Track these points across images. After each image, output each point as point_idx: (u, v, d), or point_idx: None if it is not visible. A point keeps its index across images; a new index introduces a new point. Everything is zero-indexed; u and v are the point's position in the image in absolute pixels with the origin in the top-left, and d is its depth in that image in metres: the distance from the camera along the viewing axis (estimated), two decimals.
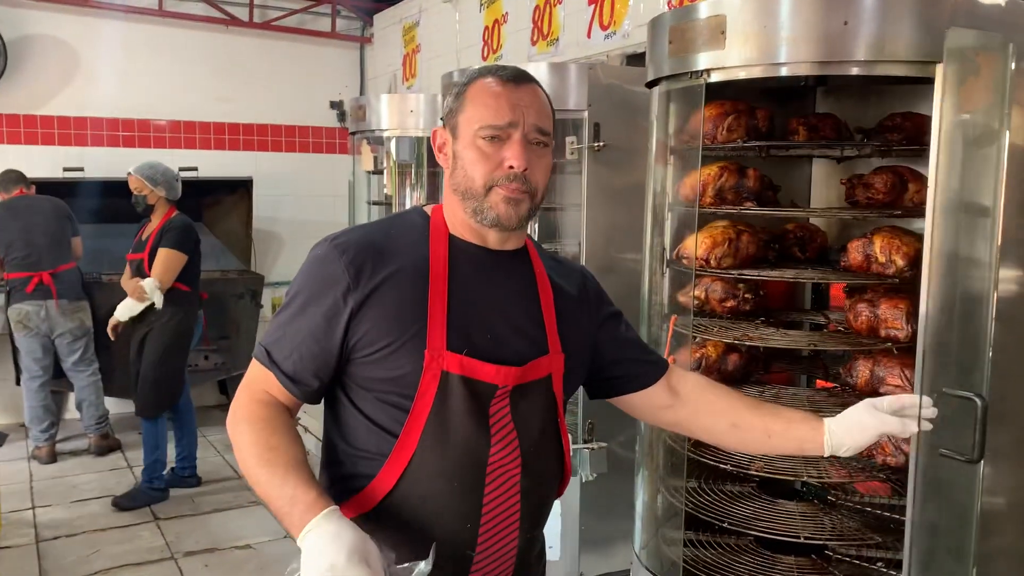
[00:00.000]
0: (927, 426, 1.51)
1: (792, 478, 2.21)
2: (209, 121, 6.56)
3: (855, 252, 2.17)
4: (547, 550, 1.63)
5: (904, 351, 2.08)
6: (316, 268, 1.39)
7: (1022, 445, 1.79)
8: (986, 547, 1.84)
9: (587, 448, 2.85)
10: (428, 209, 1.48)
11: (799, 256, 2.47)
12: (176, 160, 6.23)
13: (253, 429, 1.36)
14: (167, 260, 4.31)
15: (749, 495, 2.41)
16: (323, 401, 1.47)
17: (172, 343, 4.46)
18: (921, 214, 1.80)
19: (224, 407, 6.40)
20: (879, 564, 2.12)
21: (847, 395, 2.21)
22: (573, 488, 3.00)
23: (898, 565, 1.97)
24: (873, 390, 2.07)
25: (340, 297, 1.35)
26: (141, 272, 4.36)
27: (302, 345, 1.37)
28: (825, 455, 1.52)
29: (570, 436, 2.84)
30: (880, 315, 2.09)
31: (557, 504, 2.98)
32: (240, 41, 6.59)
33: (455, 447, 1.35)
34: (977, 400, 1.69)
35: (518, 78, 1.41)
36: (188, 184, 6.11)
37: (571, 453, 1.53)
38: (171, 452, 4.76)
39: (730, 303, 2.35)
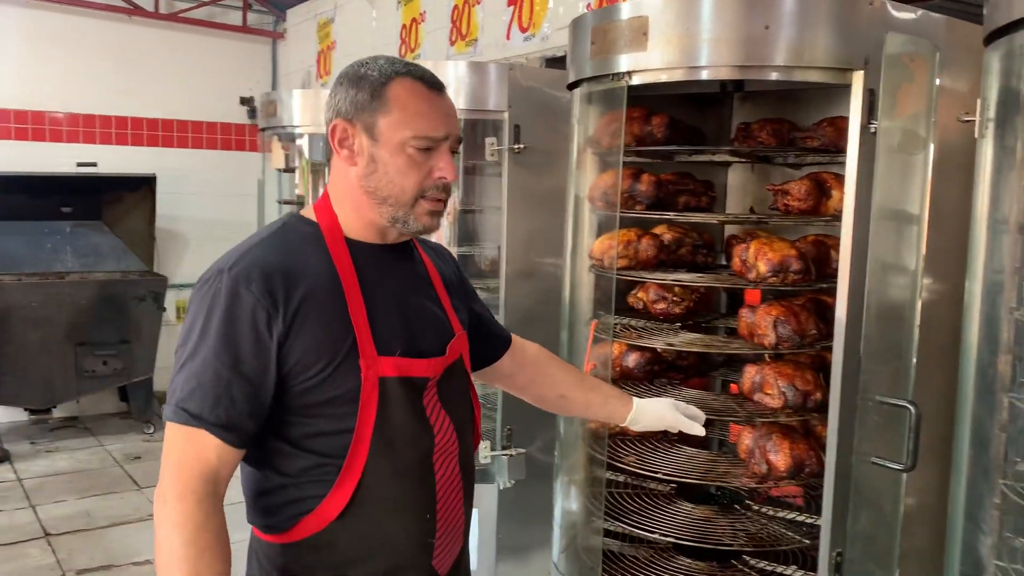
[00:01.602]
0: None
1: (671, 478, 2.23)
2: (110, 115, 6.26)
3: (736, 257, 2.23)
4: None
5: (780, 359, 2.14)
6: (222, 303, 1.29)
7: (932, 448, 1.82)
8: (899, 548, 1.87)
9: (505, 455, 2.81)
10: (309, 215, 1.44)
11: None
12: (74, 155, 5.97)
13: (183, 537, 1.25)
14: None
15: (663, 496, 2.41)
16: None
17: None
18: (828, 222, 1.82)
19: (124, 415, 6.13)
20: (791, 572, 2.14)
21: (739, 400, 2.25)
22: (491, 496, 2.95)
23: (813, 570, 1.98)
24: (750, 396, 2.17)
25: (264, 329, 1.29)
26: None
27: (231, 388, 1.29)
28: (622, 424, 1.86)
29: (488, 442, 2.84)
30: (755, 321, 2.14)
31: (474, 513, 2.96)
32: (145, 32, 6.32)
33: (403, 447, 1.38)
34: (911, 408, 1.71)
35: (439, 85, 1.41)
36: (87, 180, 5.88)
37: (489, 458, 1.59)
38: None
39: (661, 305, 2.41)
